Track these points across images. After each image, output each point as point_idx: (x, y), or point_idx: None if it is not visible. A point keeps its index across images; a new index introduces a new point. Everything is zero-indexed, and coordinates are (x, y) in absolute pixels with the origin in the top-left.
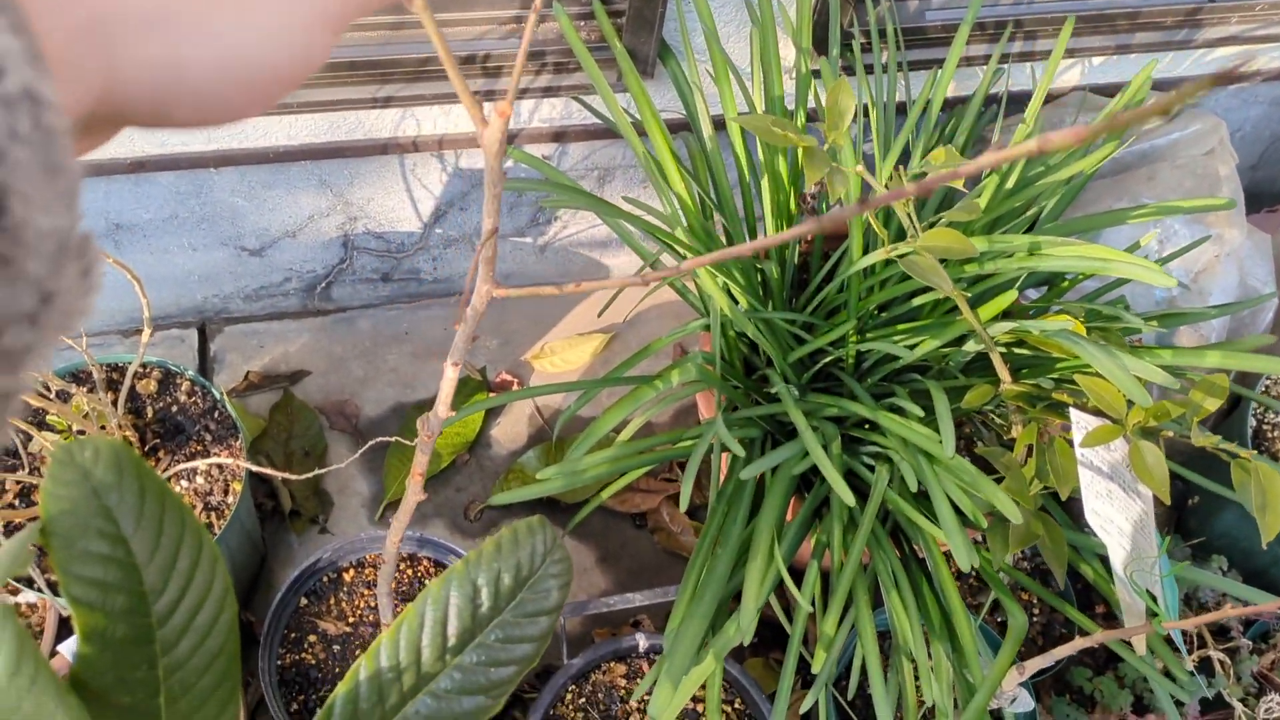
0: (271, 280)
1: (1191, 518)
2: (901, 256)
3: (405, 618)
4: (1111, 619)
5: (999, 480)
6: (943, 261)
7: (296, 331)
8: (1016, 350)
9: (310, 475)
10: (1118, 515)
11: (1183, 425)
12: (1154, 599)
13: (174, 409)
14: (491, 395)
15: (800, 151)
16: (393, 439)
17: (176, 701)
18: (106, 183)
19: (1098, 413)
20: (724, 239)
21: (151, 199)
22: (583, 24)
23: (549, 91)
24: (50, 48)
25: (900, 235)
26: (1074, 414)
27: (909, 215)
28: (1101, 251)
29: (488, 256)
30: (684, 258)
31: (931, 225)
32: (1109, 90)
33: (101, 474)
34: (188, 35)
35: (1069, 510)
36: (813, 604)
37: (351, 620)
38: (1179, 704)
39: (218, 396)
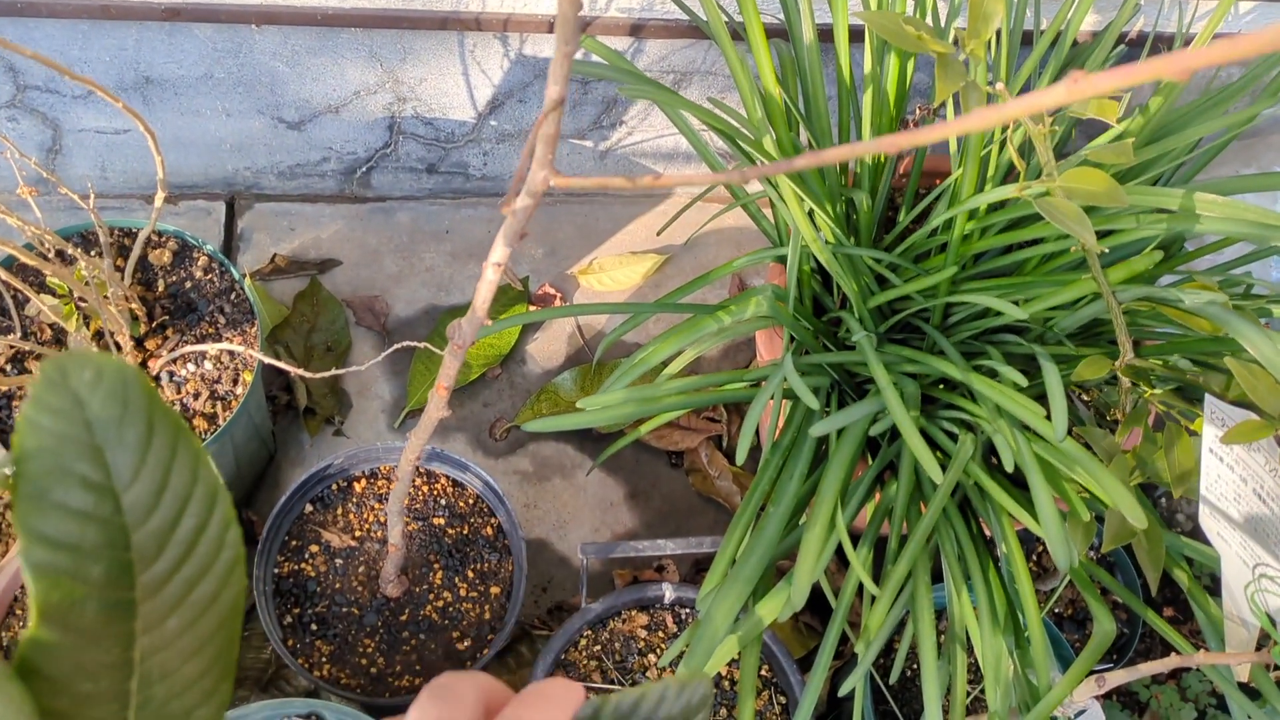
0: (309, 158)
1: None
2: (1039, 196)
3: None
4: (1181, 621)
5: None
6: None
7: (330, 217)
8: (1139, 321)
9: (329, 374)
10: (1245, 525)
11: None
12: (1273, 623)
13: (188, 285)
14: (532, 309)
15: (936, 60)
16: (421, 344)
17: (151, 686)
18: (139, 29)
19: (1240, 403)
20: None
21: (186, 53)
22: None
23: None
24: None
25: (1007, 178)
26: (1210, 402)
27: (1047, 147)
28: (1268, 216)
29: (548, 133)
30: (768, 179)
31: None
32: None
33: (100, 405)
34: None
35: (1154, 502)
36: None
37: (358, 534)
38: None
39: (236, 276)
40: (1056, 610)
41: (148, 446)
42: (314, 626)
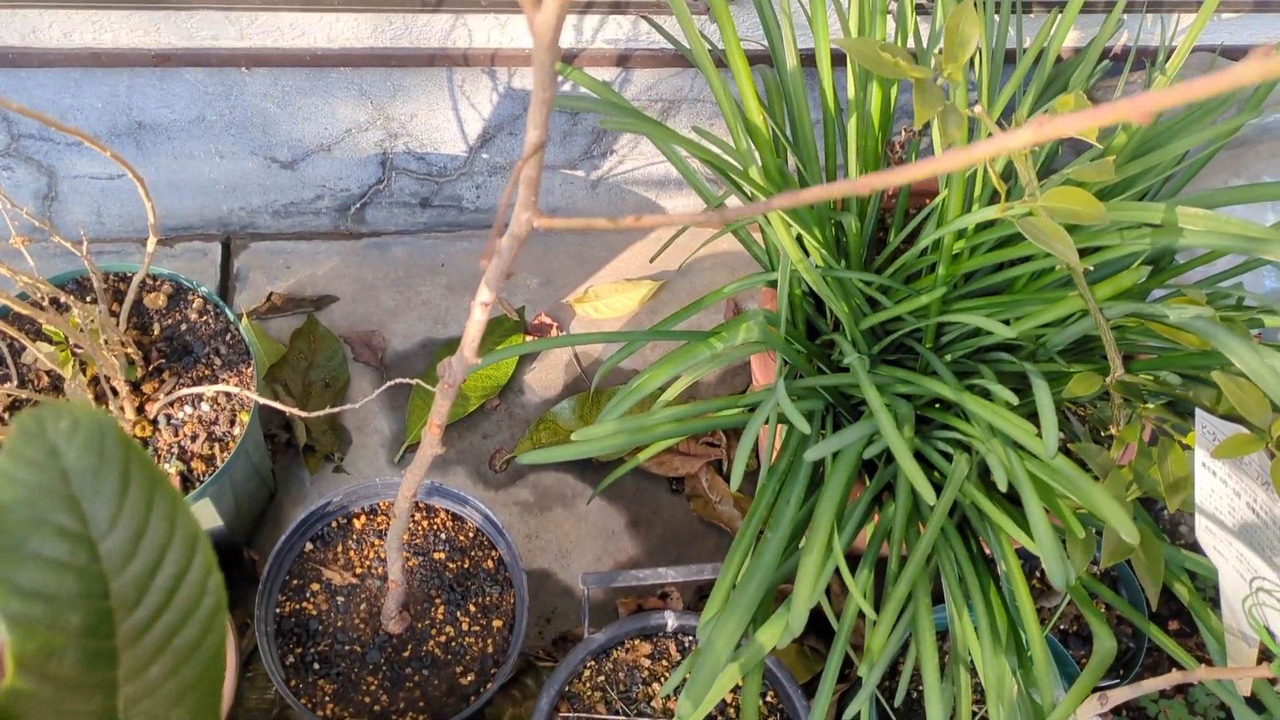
0: (303, 196)
1: None
2: (1021, 217)
3: None
4: (1186, 635)
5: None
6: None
7: (326, 253)
8: (1129, 336)
9: (325, 413)
10: (1240, 538)
11: None
12: (1274, 637)
13: (183, 327)
14: (528, 339)
15: (914, 85)
16: (414, 381)
17: None
18: (130, 75)
19: (1230, 418)
20: (799, 186)
21: (178, 98)
22: None
23: (617, 7)
24: None
25: (996, 197)
26: (1200, 417)
27: (1029, 168)
28: (1252, 229)
29: (529, 176)
30: (755, 200)
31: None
32: (1238, 52)
33: (76, 455)
34: None
35: (1157, 516)
36: (863, 597)
37: (359, 571)
38: None
39: (231, 317)
40: (1061, 627)
41: (124, 495)
42: (317, 666)
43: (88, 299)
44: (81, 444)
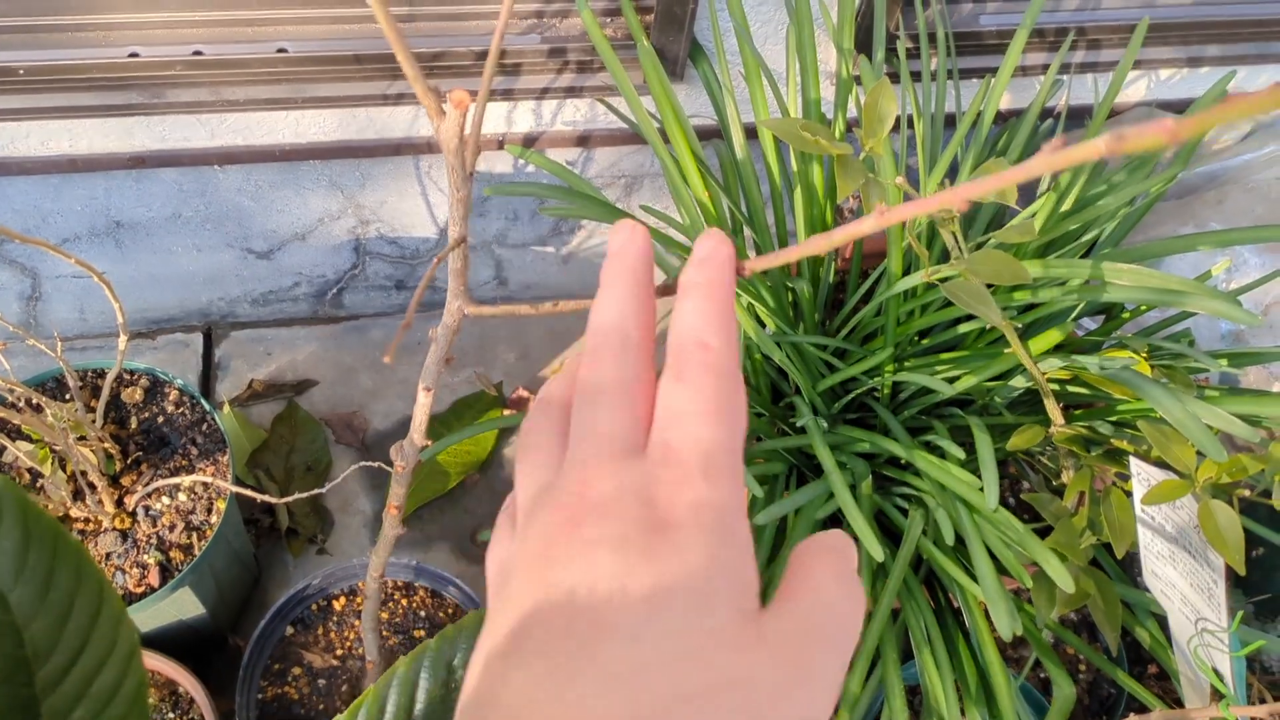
0: (280, 284)
1: (1255, 570)
2: (944, 280)
3: (364, 701)
4: (1165, 678)
5: (1046, 529)
6: (991, 288)
7: (305, 339)
8: (1071, 388)
9: (302, 497)
10: (1181, 581)
11: (1261, 482)
12: (1220, 677)
13: (160, 419)
14: (506, 413)
15: (834, 160)
16: (375, 464)
17: None
18: (106, 178)
19: (1162, 464)
20: (753, 254)
21: (154, 196)
22: (608, 20)
23: (572, 92)
24: None
25: (945, 257)
26: (1134, 464)
27: (954, 234)
28: (1172, 281)
29: (456, 268)
30: None
31: (979, 247)
32: (1177, 106)
33: None
34: None
35: (1121, 560)
36: None
37: (340, 652)
38: None
39: (207, 408)
40: (1044, 675)
41: (26, 550)
42: None
43: (66, 396)
44: None
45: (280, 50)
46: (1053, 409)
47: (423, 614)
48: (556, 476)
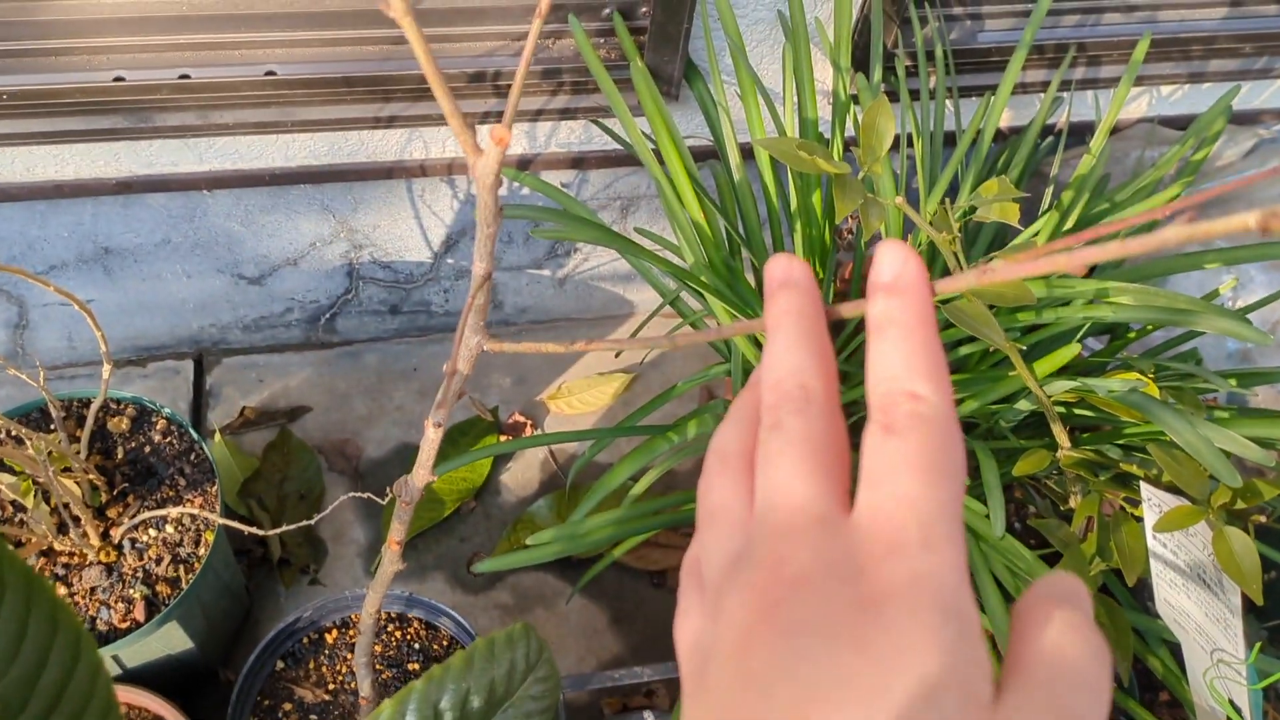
0: (272, 310)
1: (1268, 596)
2: (946, 302)
3: None
4: (1177, 705)
5: (1054, 555)
6: (993, 309)
7: (298, 365)
8: (1077, 410)
9: (291, 528)
10: (1196, 610)
11: (1276, 507)
12: (1237, 710)
13: (147, 450)
14: (502, 439)
15: (832, 180)
16: (365, 495)
17: None
18: (93, 204)
19: (1173, 489)
20: (752, 276)
21: (142, 222)
22: (602, 41)
23: (566, 113)
24: None
25: (946, 276)
26: (1145, 489)
27: (955, 255)
28: (1179, 300)
29: (479, 304)
30: (702, 296)
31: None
32: (1179, 122)
33: None
34: None
35: (1132, 586)
36: None
37: (331, 687)
38: None
39: (195, 437)
40: None
41: None
42: None
43: (50, 426)
44: None
45: (269, 73)
46: (1059, 433)
47: (416, 646)
48: (746, 545)
